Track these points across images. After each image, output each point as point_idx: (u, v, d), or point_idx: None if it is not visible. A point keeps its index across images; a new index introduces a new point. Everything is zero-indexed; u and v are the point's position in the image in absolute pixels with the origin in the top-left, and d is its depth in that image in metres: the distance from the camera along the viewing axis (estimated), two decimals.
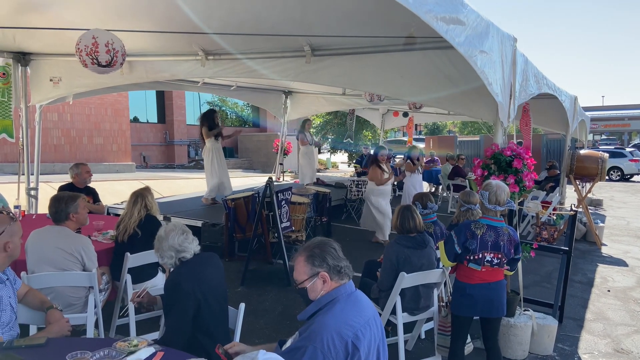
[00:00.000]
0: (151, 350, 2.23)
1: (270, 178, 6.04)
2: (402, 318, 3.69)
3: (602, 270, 6.97)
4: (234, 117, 23.97)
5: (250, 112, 24.23)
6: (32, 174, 6.70)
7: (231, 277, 5.76)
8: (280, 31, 4.63)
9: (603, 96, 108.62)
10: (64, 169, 8.52)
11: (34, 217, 5.60)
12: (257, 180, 13.17)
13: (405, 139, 25.55)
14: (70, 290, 3.43)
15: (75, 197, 3.69)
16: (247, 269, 5.83)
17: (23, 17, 4.56)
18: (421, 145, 27.80)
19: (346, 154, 22.27)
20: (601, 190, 16.68)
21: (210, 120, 8.15)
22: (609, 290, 6.05)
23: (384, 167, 7.61)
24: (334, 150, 22.08)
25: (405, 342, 4.02)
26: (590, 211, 9.43)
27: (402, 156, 12.62)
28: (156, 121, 19.58)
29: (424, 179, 12.92)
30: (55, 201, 3.60)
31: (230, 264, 6.28)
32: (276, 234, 6.11)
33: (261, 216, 6.02)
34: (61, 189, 5.55)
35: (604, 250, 8.16)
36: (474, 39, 3.30)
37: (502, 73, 3.84)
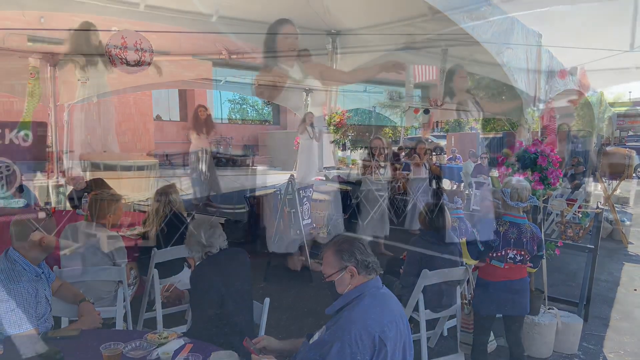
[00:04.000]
0: (180, 342, 2.30)
1: (292, 175, 6.08)
2: (424, 315, 3.69)
3: (629, 269, 6.83)
4: (255, 114, 24.10)
5: (271, 110, 24.32)
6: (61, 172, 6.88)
7: (253, 274, 5.74)
8: (304, 30, 4.66)
9: (630, 92, 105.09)
10: None
11: (63, 213, 5.74)
12: (277, 178, 13.23)
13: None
14: (100, 284, 3.53)
15: (116, 199, 3.79)
16: (269, 265, 5.89)
17: (53, 19, 4.68)
18: (442, 142, 27.45)
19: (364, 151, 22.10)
20: (628, 187, 16.29)
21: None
22: (635, 290, 5.94)
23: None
24: (354, 147, 22.01)
25: (428, 339, 4.02)
26: (616, 209, 9.24)
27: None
28: (178, 119, 19.80)
29: (445, 177, 12.79)
30: (95, 200, 3.70)
31: (252, 260, 6.32)
32: (298, 231, 6.15)
33: (283, 213, 6.06)
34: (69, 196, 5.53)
35: (631, 249, 7.99)
36: (499, 35, 3.29)
37: (527, 69, 3.81)
